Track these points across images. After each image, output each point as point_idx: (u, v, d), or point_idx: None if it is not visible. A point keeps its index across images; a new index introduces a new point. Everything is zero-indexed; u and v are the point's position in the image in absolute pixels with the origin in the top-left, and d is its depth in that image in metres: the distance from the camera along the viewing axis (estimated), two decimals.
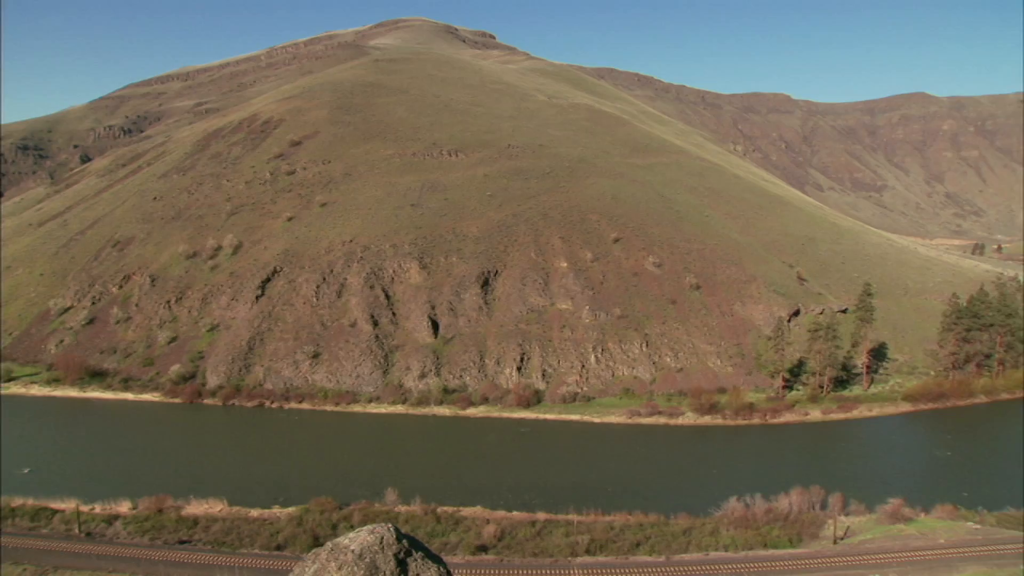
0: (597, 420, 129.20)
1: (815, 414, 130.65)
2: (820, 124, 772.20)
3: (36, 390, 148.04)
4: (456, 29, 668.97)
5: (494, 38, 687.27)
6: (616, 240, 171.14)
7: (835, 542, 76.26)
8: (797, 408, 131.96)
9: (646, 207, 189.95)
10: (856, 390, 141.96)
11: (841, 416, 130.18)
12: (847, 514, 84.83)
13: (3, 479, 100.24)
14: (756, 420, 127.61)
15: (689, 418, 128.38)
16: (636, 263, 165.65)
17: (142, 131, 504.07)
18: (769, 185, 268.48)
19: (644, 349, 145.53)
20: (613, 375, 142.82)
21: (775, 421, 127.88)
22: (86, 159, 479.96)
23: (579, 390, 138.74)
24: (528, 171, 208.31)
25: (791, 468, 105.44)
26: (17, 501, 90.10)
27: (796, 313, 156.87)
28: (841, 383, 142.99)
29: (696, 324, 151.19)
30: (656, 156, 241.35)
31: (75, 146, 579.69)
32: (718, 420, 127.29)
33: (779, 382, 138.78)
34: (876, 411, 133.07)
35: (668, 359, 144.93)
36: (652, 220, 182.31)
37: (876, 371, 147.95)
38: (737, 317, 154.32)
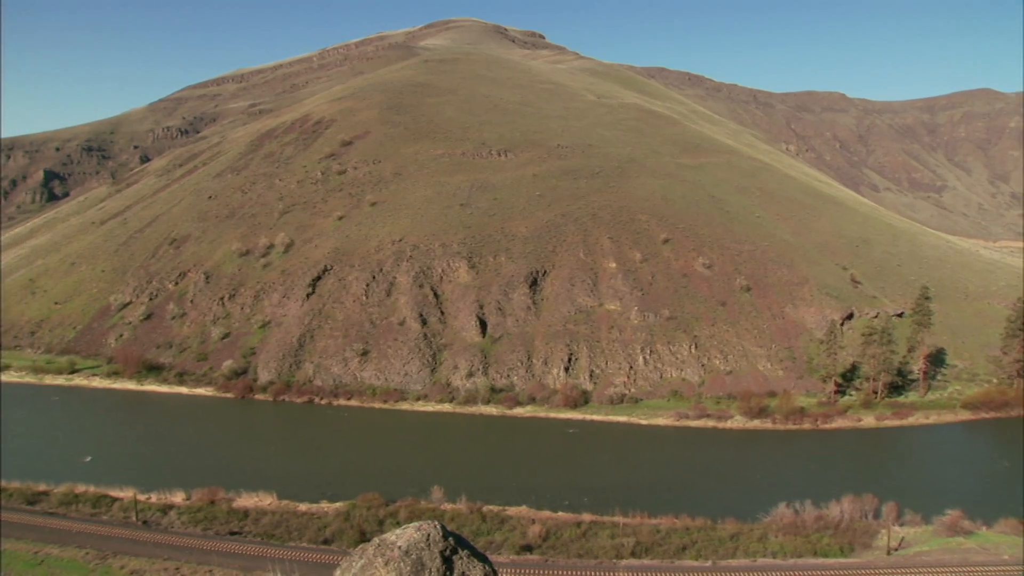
0: (644, 422, 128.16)
1: (868, 420, 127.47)
2: (876, 123, 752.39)
3: (97, 382, 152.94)
4: (505, 29, 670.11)
5: (543, 38, 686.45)
6: (665, 241, 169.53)
7: (889, 553, 74.05)
8: (850, 414, 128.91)
9: (696, 207, 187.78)
10: (912, 396, 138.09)
11: (896, 423, 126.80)
12: (902, 524, 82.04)
13: (66, 467, 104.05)
14: (807, 425, 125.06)
15: (738, 422, 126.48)
16: (686, 264, 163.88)
17: (198, 132, 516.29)
18: (822, 185, 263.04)
19: (693, 351, 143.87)
20: (661, 377, 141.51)
21: (826, 427, 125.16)
22: (145, 159, 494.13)
23: (627, 391, 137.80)
24: (577, 171, 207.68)
25: (843, 475, 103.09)
26: (80, 488, 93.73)
27: (849, 316, 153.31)
28: (896, 389, 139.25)
29: (746, 326, 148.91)
30: (706, 156, 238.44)
31: (135, 147, 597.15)
32: (767, 424, 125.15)
33: (831, 387, 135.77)
34: (933, 419, 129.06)
35: (717, 361, 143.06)
36: (702, 221, 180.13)
37: (934, 377, 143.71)
38: (788, 320, 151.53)
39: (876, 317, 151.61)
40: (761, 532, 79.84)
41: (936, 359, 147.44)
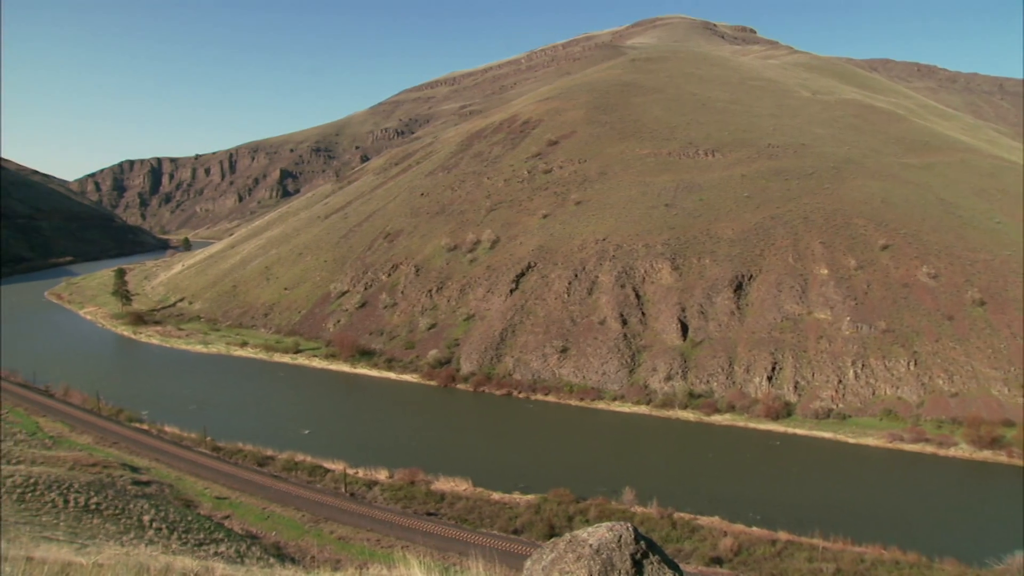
0: (851, 440, 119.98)
1: None
2: None
3: (317, 362, 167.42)
4: (714, 25, 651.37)
5: (755, 32, 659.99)
6: (884, 247, 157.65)
7: None
8: None
9: (921, 211, 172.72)
10: None
11: None
12: None
13: (289, 436, 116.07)
14: None
15: (963, 450, 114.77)
16: (907, 273, 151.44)
17: (413, 132, 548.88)
18: None
19: (912, 368, 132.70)
20: (873, 393, 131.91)
21: None
22: (365, 158, 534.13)
23: (833, 406, 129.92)
24: (788, 171, 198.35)
25: None
26: (299, 456, 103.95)
27: None
28: None
29: (978, 345, 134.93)
30: (936, 155, 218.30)
31: (356, 147, 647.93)
32: (1001, 457, 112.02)
33: None
34: None
35: (940, 381, 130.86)
36: (928, 226, 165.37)
37: None
38: None
39: None
40: None
41: None
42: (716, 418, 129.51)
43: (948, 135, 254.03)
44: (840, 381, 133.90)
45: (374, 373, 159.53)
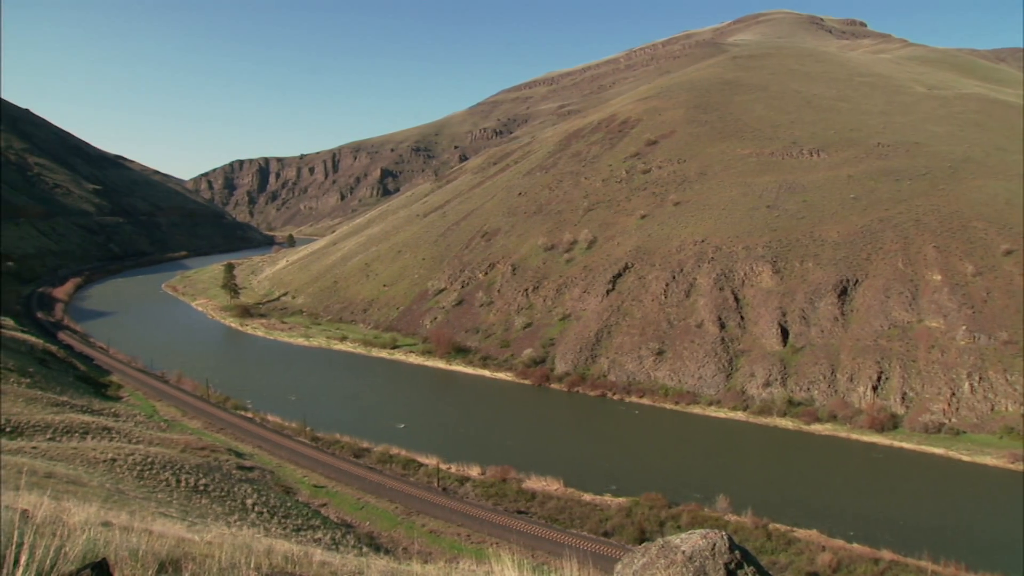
0: (966, 458, 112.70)
1: None
2: None
3: (413, 358, 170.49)
4: (821, 19, 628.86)
5: (865, 26, 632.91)
6: (1008, 252, 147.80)
7: None
8: None
9: None
10: None
11: None
12: None
13: (384, 430, 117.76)
14: None
15: None
16: None
17: (511, 132, 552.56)
18: None
19: None
20: (992, 409, 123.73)
21: None
22: (464, 158, 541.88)
23: (945, 420, 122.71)
24: (899, 172, 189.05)
25: None
26: (394, 450, 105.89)
27: None
28: None
29: None
30: None
31: (455, 147, 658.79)
32: None
33: None
34: None
35: None
36: None
37: None
38: None
39: None
40: None
41: None
42: (816, 427, 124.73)
43: None
44: (953, 394, 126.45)
45: (469, 370, 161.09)
